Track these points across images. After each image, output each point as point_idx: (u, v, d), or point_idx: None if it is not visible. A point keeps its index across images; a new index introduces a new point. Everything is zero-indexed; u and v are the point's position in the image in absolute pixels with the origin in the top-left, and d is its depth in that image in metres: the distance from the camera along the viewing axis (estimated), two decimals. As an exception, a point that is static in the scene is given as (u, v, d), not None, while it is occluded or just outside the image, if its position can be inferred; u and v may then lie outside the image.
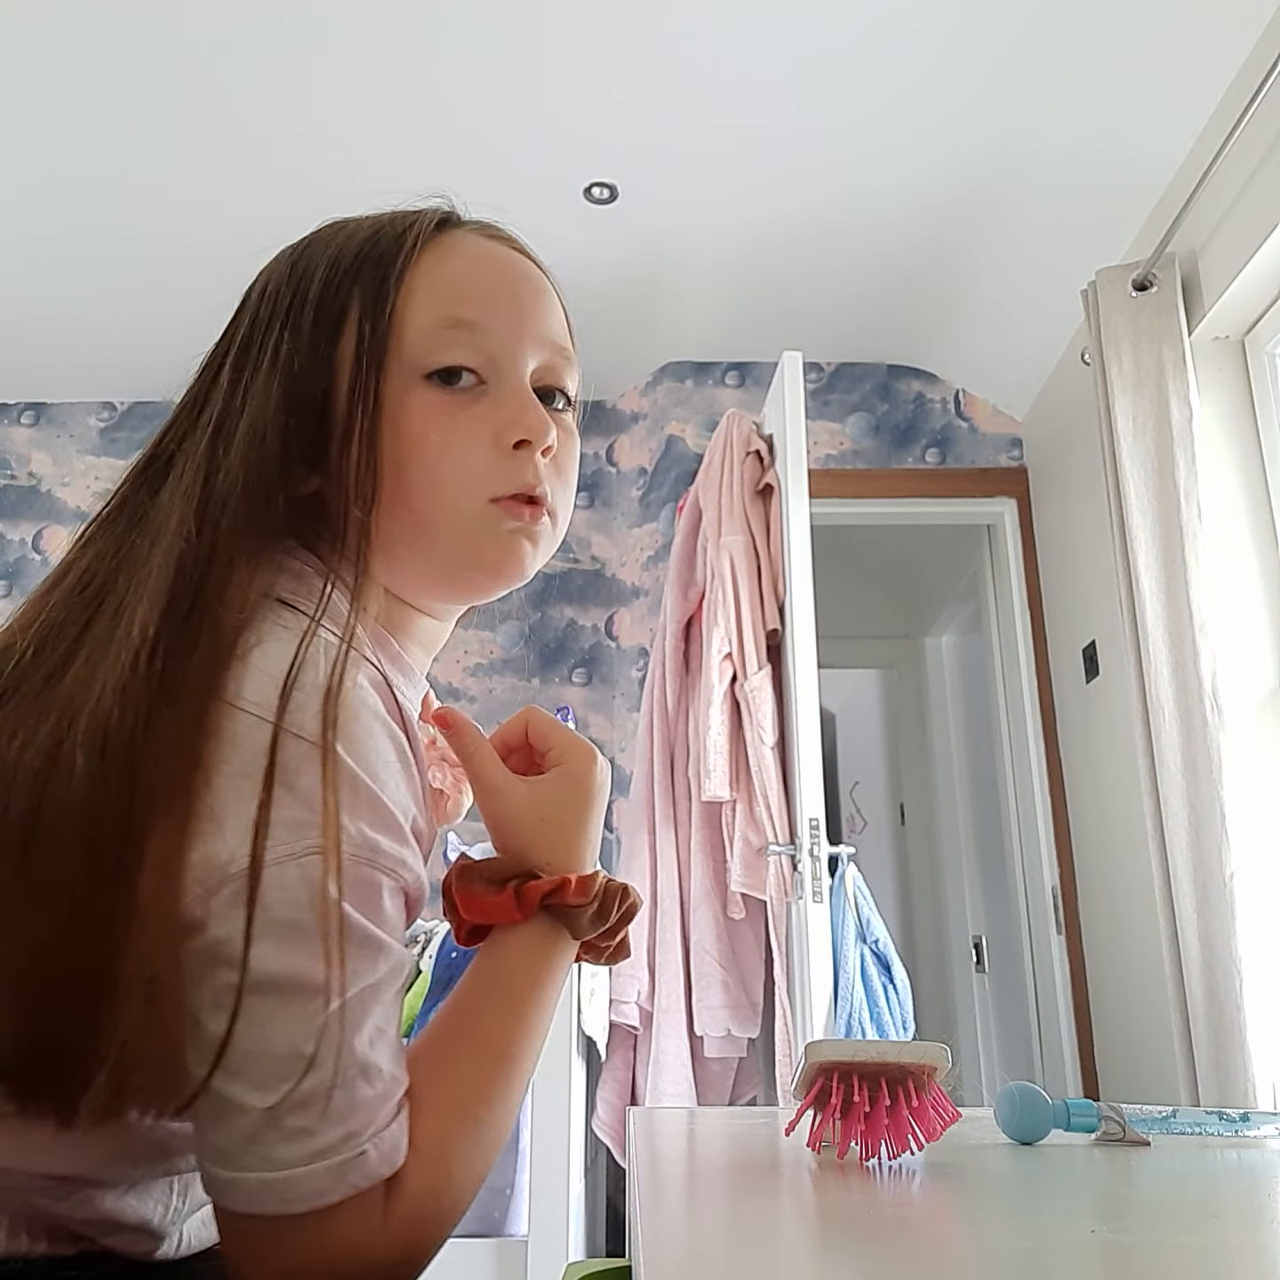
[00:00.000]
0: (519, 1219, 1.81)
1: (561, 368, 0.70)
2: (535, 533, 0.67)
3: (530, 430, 0.65)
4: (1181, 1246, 0.47)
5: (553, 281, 0.74)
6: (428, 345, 0.65)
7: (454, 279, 0.68)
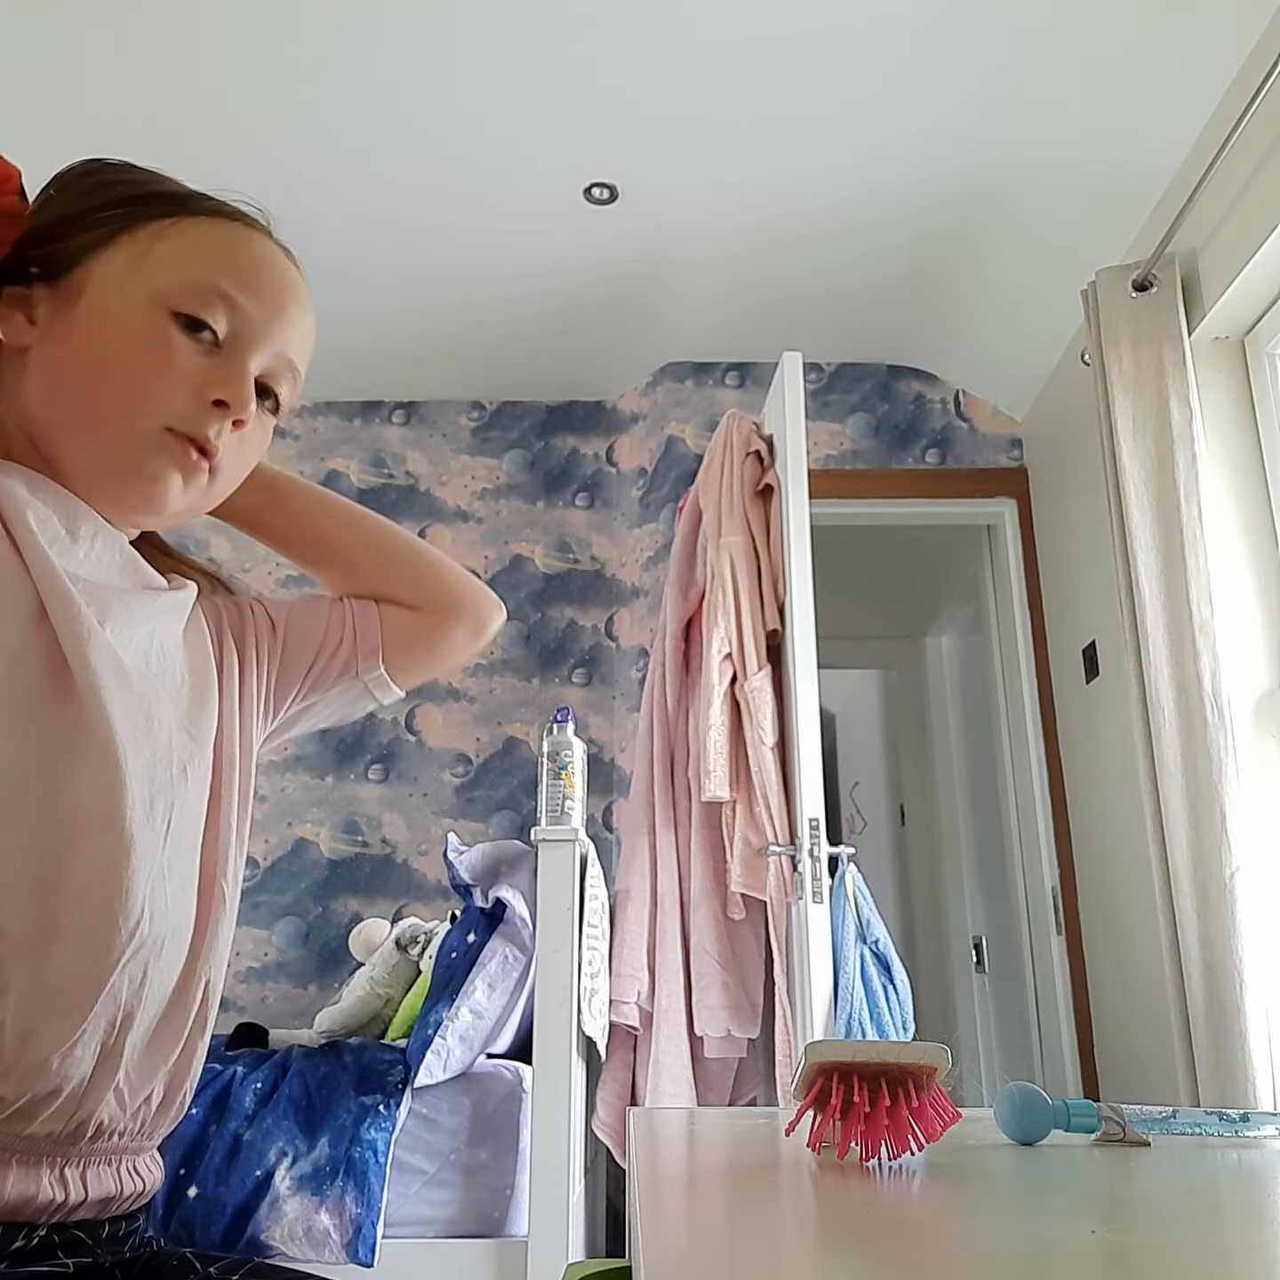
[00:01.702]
0: (519, 1219, 1.82)
1: (284, 378, 0.79)
2: (191, 474, 0.73)
3: (233, 397, 0.73)
4: (1182, 1247, 0.47)
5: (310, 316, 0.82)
6: (190, 293, 0.73)
7: (241, 258, 0.76)
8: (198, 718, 0.75)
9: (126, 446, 0.71)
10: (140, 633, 0.73)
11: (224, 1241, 1.70)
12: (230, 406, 0.73)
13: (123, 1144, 0.69)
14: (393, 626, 0.92)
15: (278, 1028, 2.70)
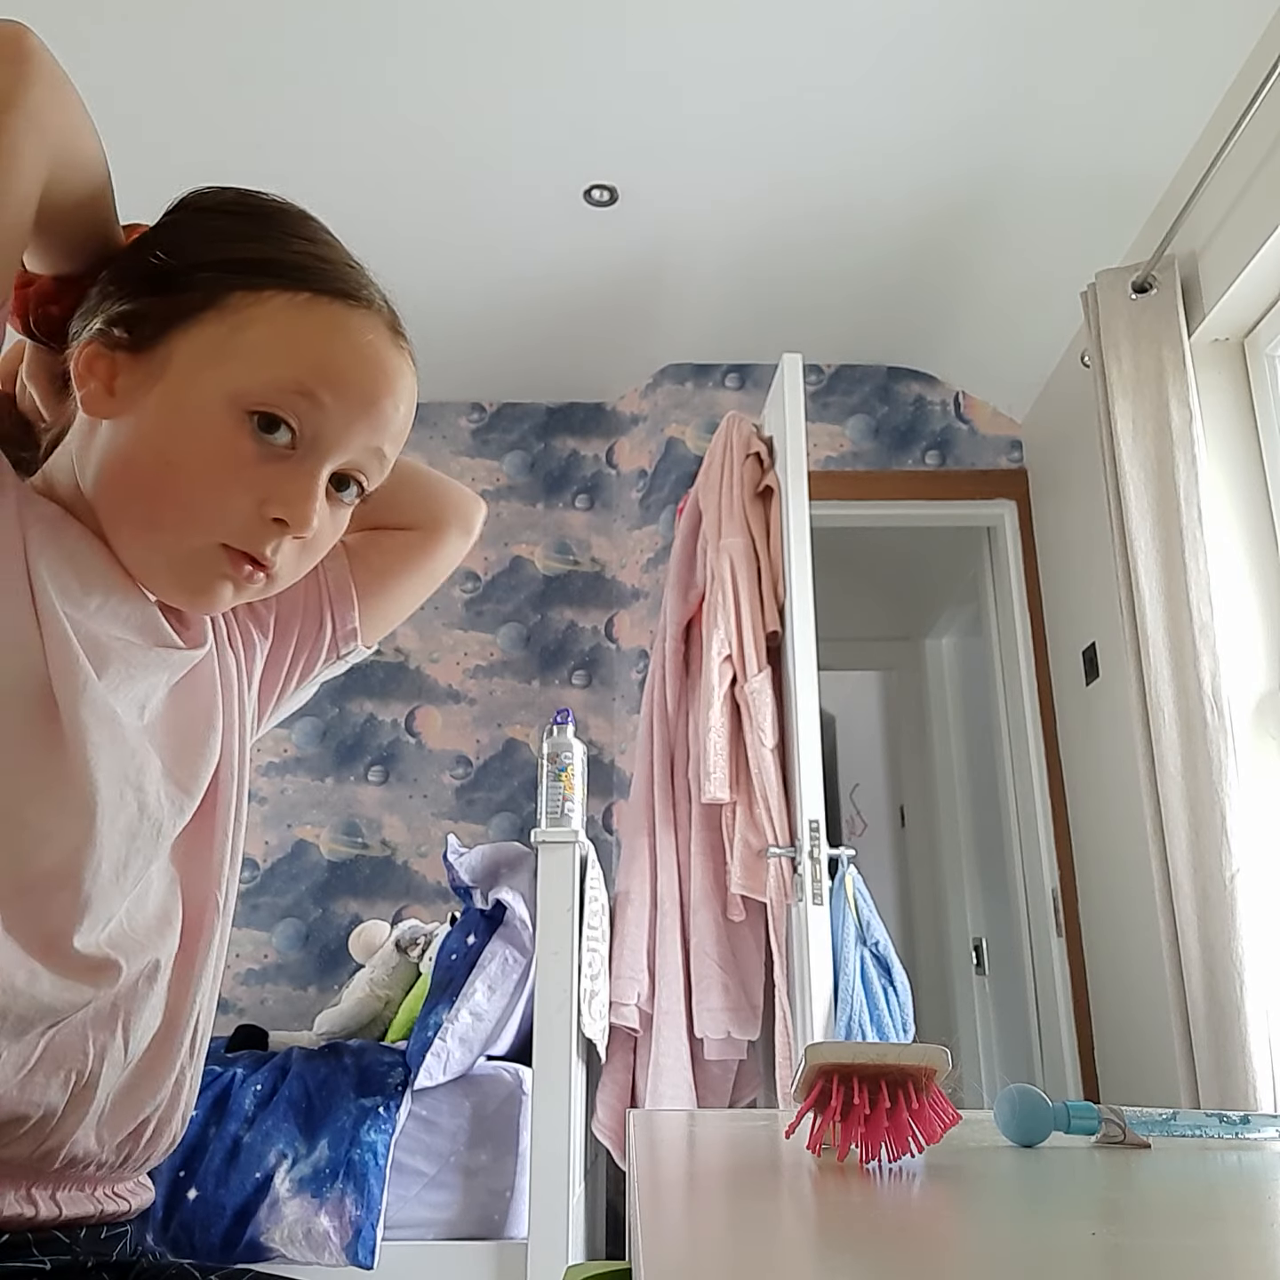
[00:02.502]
0: (519, 1222, 1.81)
1: (371, 468, 0.74)
2: (244, 585, 0.71)
3: (293, 518, 0.69)
4: (1182, 1249, 0.47)
5: (415, 376, 0.77)
6: (269, 393, 0.67)
7: (333, 351, 0.70)
8: (194, 764, 0.74)
9: (179, 557, 0.69)
10: (140, 687, 0.71)
11: (224, 1243, 1.69)
12: (290, 526, 0.69)
13: (102, 1174, 0.68)
14: (385, 561, 0.91)
15: (277, 1030, 2.70)
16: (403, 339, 0.75)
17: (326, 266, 0.71)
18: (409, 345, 0.76)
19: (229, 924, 0.78)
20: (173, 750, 0.72)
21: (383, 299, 0.74)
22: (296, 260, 0.70)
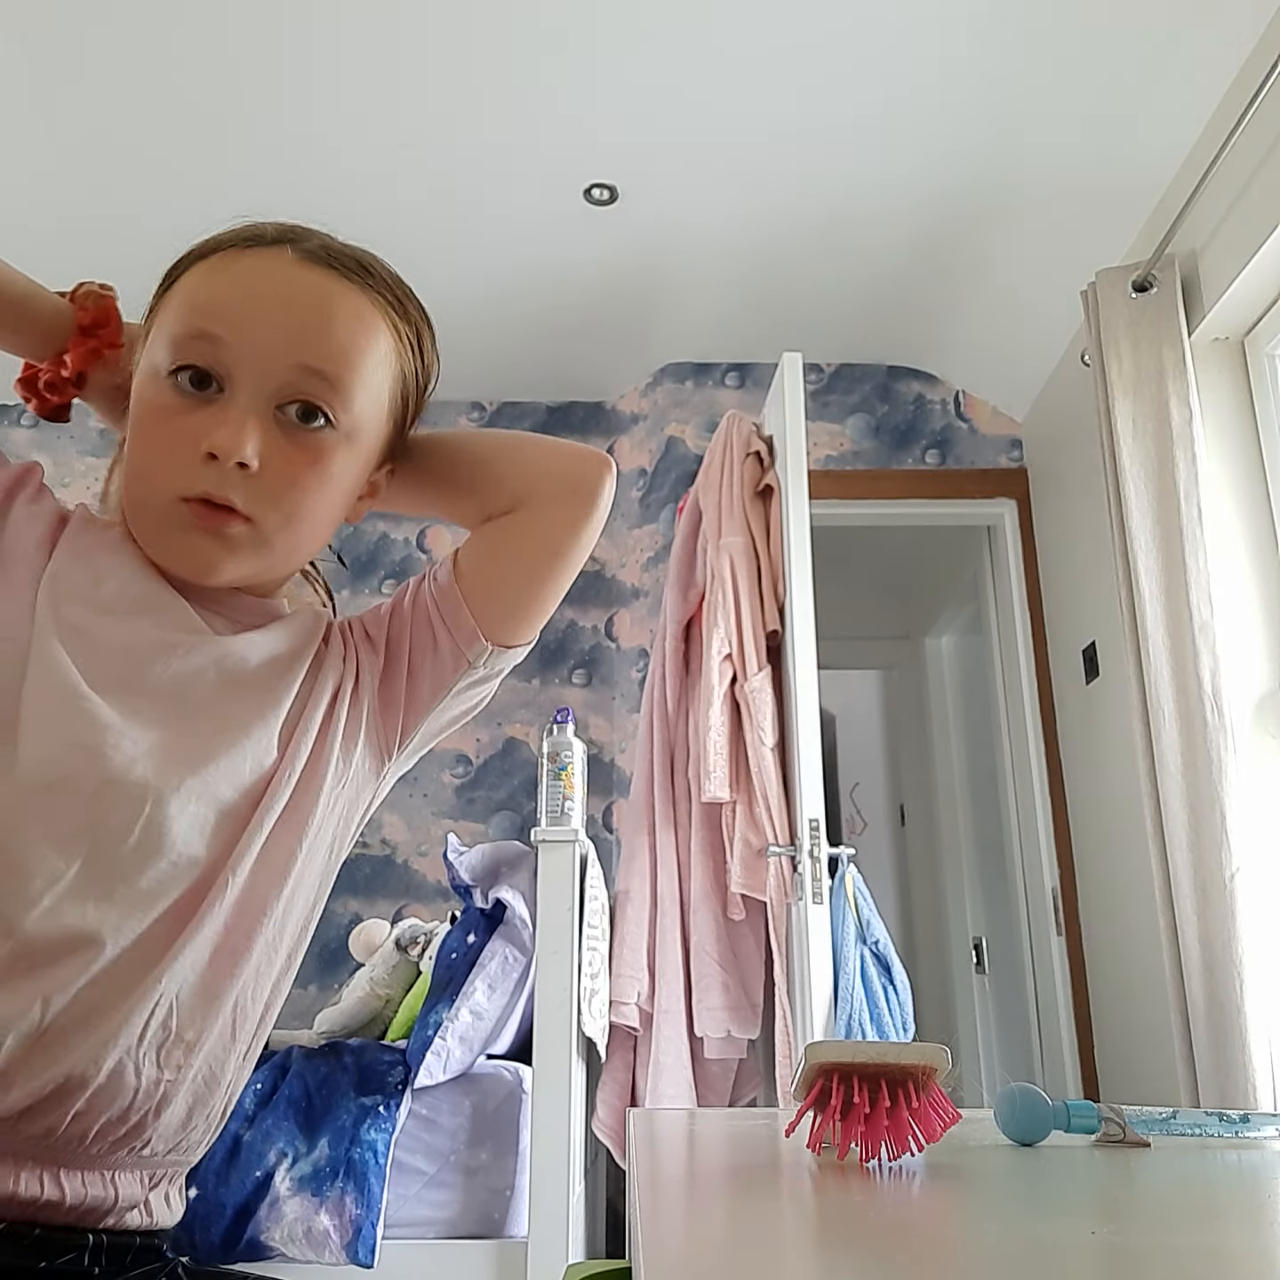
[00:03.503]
0: (519, 1220, 1.81)
1: (319, 389, 0.73)
2: (227, 536, 0.73)
3: (219, 447, 0.70)
4: (1182, 1248, 0.47)
5: (362, 295, 0.76)
6: (174, 350, 0.72)
7: (212, 295, 0.73)
8: (207, 750, 0.72)
9: (154, 526, 0.74)
10: (171, 680, 0.72)
11: (224, 1242, 1.69)
12: (220, 455, 0.70)
13: (11, 1144, 0.64)
14: (488, 548, 0.84)
15: (277, 1028, 2.70)
16: (325, 261, 0.75)
17: (227, 235, 0.76)
18: (347, 270, 0.76)
19: (284, 936, 0.74)
20: (198, 732, 0.72)
21: (307, 237, 0.76)
22: (199, 246, 0.76)
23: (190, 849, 0.69)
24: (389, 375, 0.80)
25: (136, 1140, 0.68)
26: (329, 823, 0.77)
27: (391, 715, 0.82)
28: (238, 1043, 0.73)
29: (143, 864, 0.67)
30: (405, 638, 0.83)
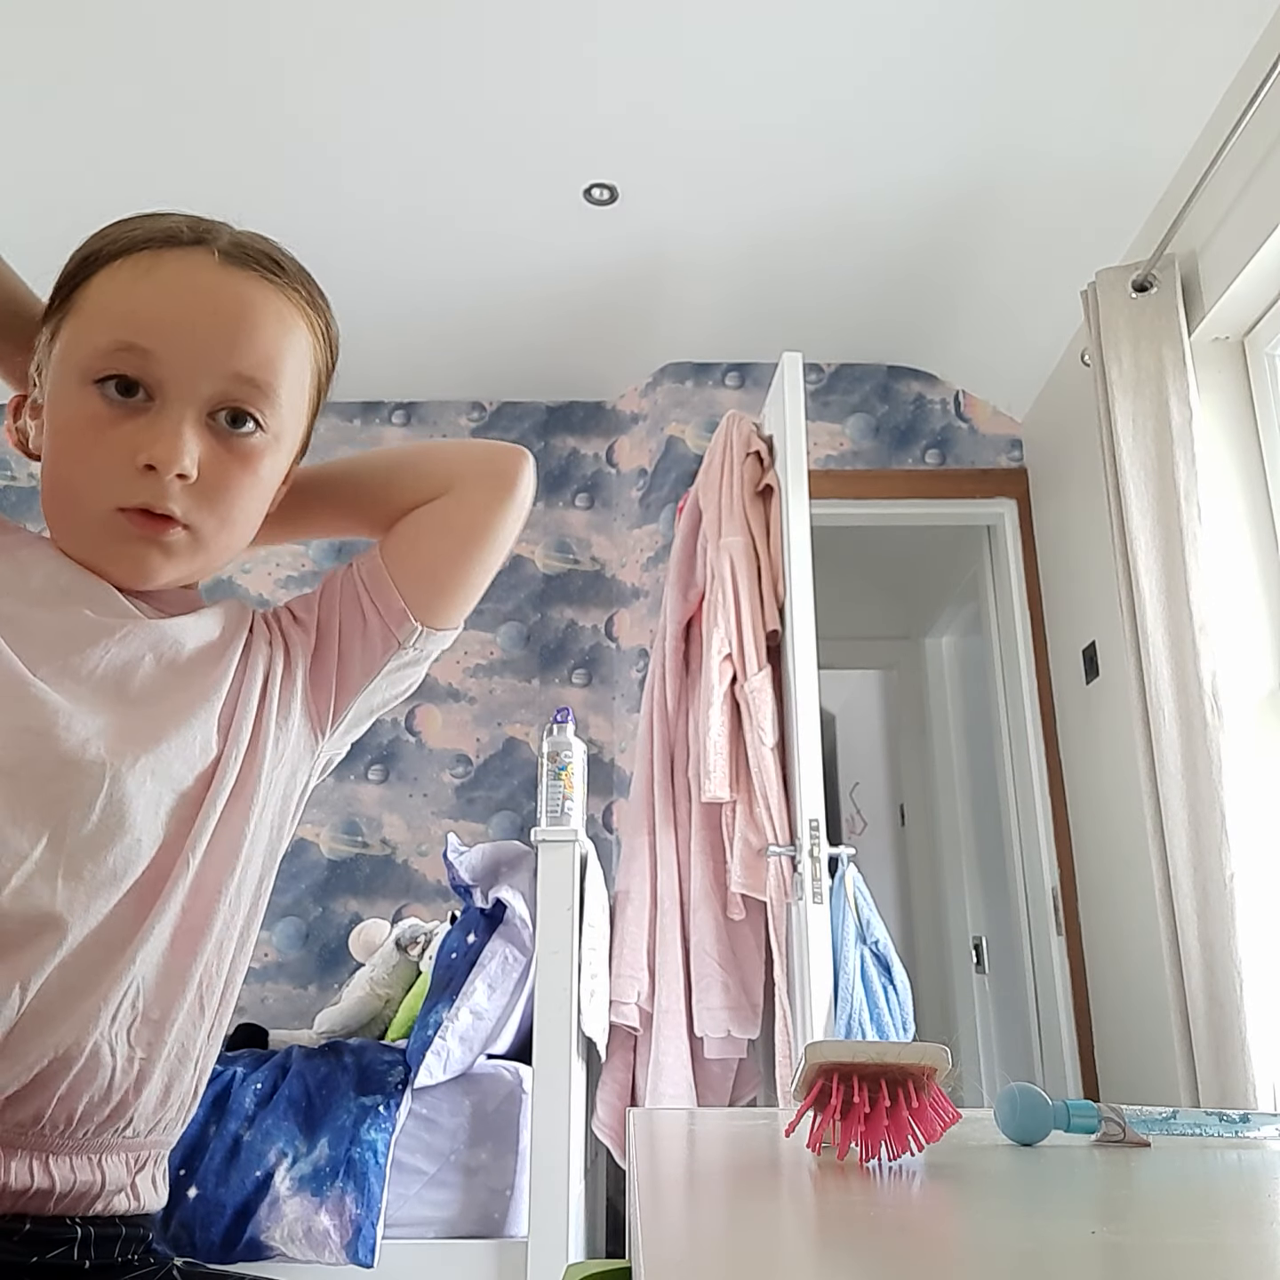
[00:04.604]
0: (519, 1220, 1.81)
1: (249, 396, 0.74)
2: (166, 543, 0.74)
3: (158, 459, 0.71)
4: (1182, 1248, 0.47)
5: (300, 295, 0.78)
6: (99, 359, 0.71)
7: (137, 306, 0.72)
8: (161, 728, 0.73)
9: (90, 535, 0.74)
10: (107, 657, 0.73)
11: (224, 1242, 1.69)
12: (159, 467, 0.71)
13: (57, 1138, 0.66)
14: (414, 531, 0.87)
15: (277, 1028, 2.70)
16: (242, 261, 0.75)
17: (138, 231, 0.74)
18: (263, 269, 0.76)
19: (238, 914, 0.76)
20: (145, 714, 0.73)
21: (218, 235, 0.76)
22: (112, 241, 0.74)
23: (150, 827, 0.71)
24: (308, 371, 0.81)
25: (120, 1120, 0.70)
26: (271, 802, 0.80)
27: (323, 695, 0.85)
28: (205, 1019, 0.75)
29: (107, 842, 0.68)
30: (335, 619, 0.86)
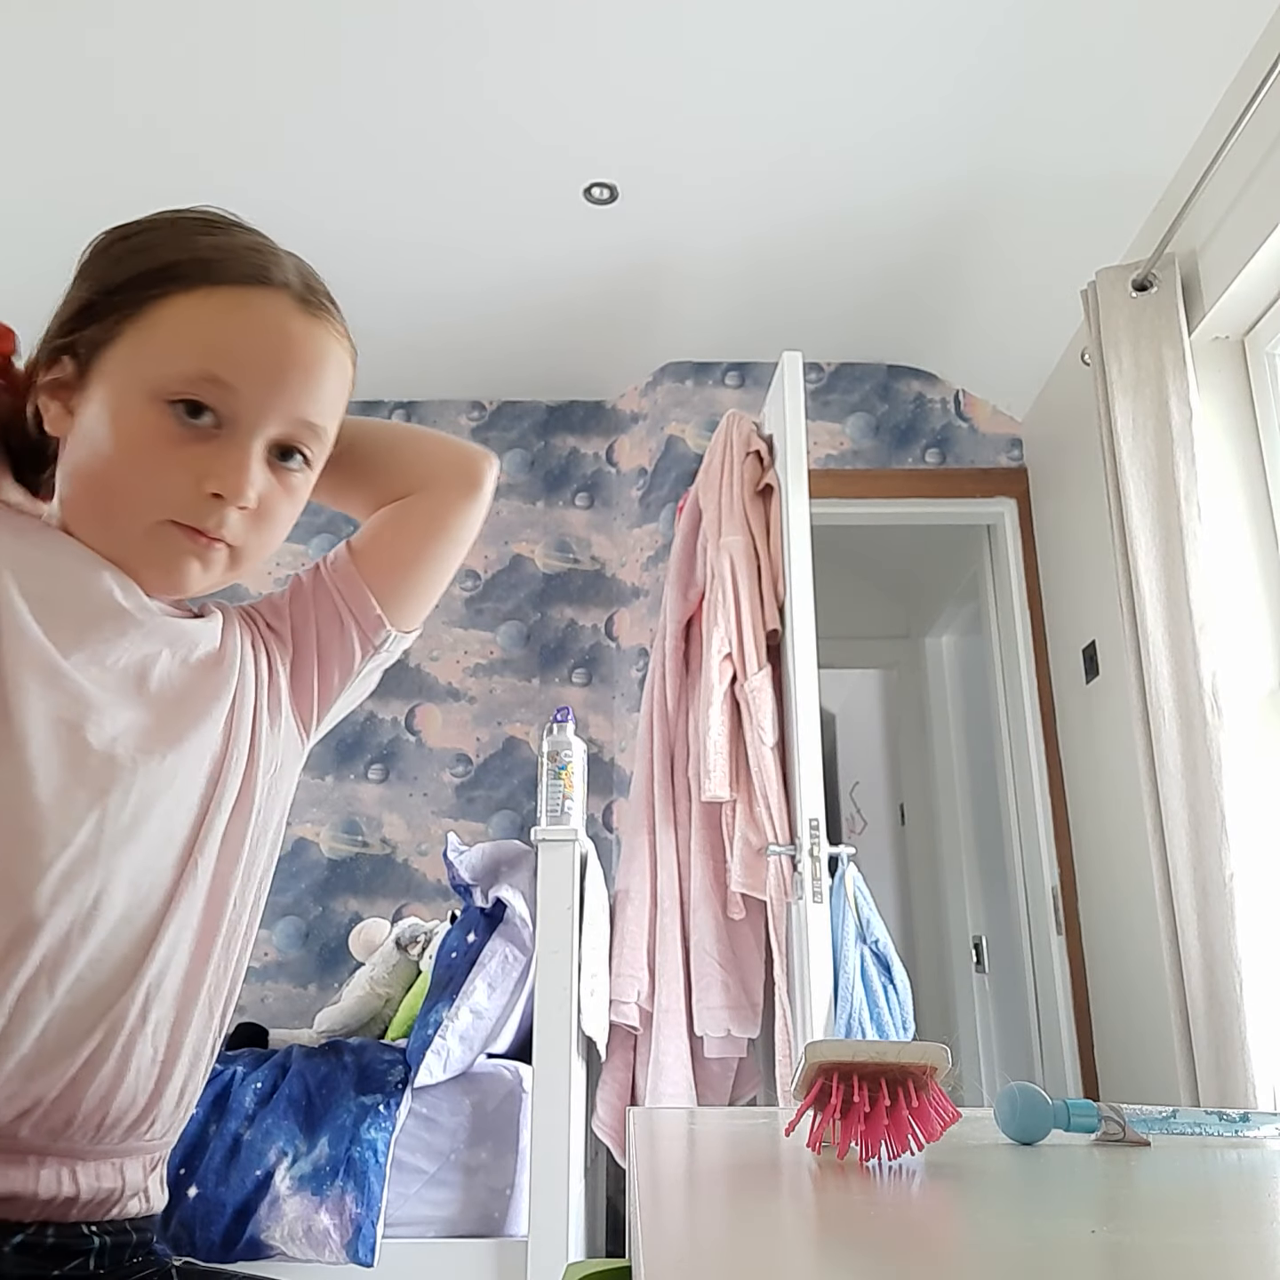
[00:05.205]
0: (519, 1219, 1.82)
1: (305, 437, 0.78)
2: (207, 557, 0.76)
3: (229, 489, 0.73)
4: (1181, 1247, 0.47)
5: (344, 337, 0.82)
6: (181, 383, 0.73)
7: (229, 342, 0.74)
8: (181, 727, 0.76)
9: (136, 540, 0.75)
10: (129, 652, 0.75)
11: (224, 1241, 1.70)
12: (226, 498, 0.74)
13: (34, 1141, 0.65)
14: (386, 536, 0.91)
15: (277, 1028, 2.70)
16: (317, 308, 0.79)
17: (223, 255, 0.76)
18: (329, 314, 0.80)
19: (243, 914, 0.78)
20: (170, 711, 0.75)
21: (296, 275, 0.78)
22: (195, 258, 0.75)
23: (173, 826, 0.73)
24: (344, 405, 0.85)
25: (144, 1123, 0.71)
26: (268, 803, 0.82)
27: (306, 699, 0.87)
28: (213, 1019, 0.76)
29: (138, 835, 0.70)
30: (311, 626, 0.88)
